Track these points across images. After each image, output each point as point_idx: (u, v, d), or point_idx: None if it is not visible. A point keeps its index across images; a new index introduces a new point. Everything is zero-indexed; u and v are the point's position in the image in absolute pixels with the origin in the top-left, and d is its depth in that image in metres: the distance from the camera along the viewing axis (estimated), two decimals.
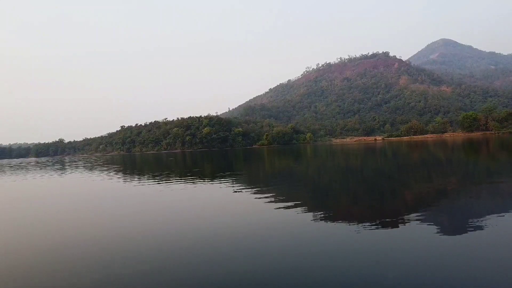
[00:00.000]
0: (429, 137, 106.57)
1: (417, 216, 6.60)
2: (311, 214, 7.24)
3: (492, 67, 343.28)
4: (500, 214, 6.37)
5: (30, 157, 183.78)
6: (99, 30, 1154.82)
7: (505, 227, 5.62)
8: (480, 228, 5.60)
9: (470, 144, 41.85)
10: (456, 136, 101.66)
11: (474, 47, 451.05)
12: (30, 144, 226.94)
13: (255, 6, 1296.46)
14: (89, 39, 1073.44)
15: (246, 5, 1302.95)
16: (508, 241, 5.01)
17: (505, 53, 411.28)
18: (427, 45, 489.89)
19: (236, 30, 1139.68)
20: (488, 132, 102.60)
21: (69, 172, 28.40)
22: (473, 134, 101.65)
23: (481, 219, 6.14)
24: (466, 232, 5.47)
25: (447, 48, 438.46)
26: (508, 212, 6.54)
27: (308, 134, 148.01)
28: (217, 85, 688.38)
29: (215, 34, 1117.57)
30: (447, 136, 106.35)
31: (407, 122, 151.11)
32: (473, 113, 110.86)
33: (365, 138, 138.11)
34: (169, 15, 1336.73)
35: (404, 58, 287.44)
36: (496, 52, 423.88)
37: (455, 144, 44.67)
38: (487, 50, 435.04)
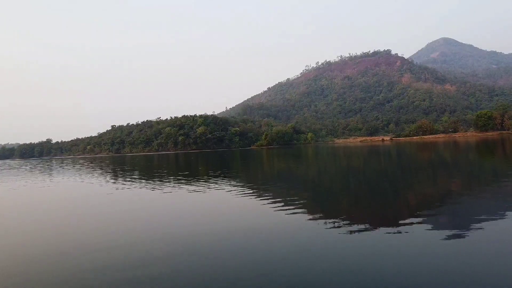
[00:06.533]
0: (440, 137, 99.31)
1: (431, 221, 6.41)
2: (327, 225, 6.56)
3: (494, 66, 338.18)
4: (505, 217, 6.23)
5: (14, 158, 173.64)
6: (97, 29, 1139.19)
7: (509, 230, 5.50)
8: (484, 231, 5.48)
9: (491, 145, 36.12)
10: (469, 136, 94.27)
11: (475, 46, 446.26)
12: (21, 144, 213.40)
13: (251, 7, 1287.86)
14: (86, 39, 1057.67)
15: (243, 6, 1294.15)
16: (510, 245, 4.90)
17: (506, 52, 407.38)
18: (428, 44, 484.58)
19: (236, 30, 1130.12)
20: (504, 131, 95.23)
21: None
22: (488, 133, 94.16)
23: (486, 222, 6.00)
24: (471, 236, 5.30)
25: (448, 47, 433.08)
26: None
27: (310, 134, 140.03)
28: (215, 85, 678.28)
29: (213, 34, 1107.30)
30: (459, 136, 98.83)
31: (412, 122, 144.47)
32: (488, 111, 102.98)
33: (371, 138, 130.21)
34: (167, 19, 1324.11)
35: (405, 57, 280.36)
36: (497, 51, 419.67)
37: (476, 145, 40.08)
38: (488, 49, 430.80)
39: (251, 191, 11.33)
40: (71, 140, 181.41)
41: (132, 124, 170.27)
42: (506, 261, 4.31)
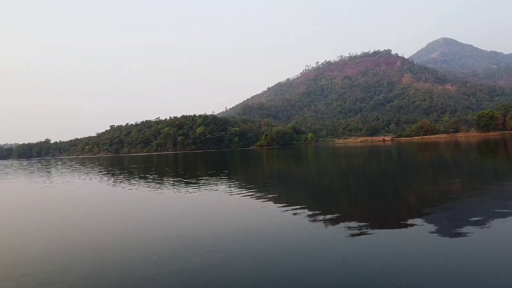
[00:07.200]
0: (442, 137, 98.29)
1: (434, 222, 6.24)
2: (333, 227, 6.36)
3: (494, 66, 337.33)
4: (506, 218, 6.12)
5: (12, 158, 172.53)
6: (96, 28, 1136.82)
7: (509, 230, 5.45)
8: (484, 231, 5.44)
9: (493, 145, 35.34)
10: (471, 136, 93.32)
11: (475, 46, 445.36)
12: (20, 144, 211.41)
13: (251, 7, 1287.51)
14: (86, 39, 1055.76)
15: (243, 6, 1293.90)
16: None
17: (506, 52, 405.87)
18: (428, 44, 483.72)
19: (236, 30, 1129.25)
20: (506, 131, 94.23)
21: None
22: (490, 134, 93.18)
23: (486, 222, 5.94)
24: (471, 236, 5.23)
25: (448, 47, 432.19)
26: None
27: (310, 134, 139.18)
28: (215, 85, 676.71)
29: (213, 34, 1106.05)
30: (461, 136, 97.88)
31: (413, 122, 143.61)
32: (489, 111, 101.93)
33: (371, 138, 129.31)
34: (167, 19, 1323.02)
35: (405, 57, 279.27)
36: (497, 51, 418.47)
37: (477, 145, 39.30)
38: (488, 49, 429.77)
39: (251, 192, 11.14)
40: (70, 140, 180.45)
41: (131, 124, 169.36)
42: (506, 261, 4.26)
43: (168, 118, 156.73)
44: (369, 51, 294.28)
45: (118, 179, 18.85)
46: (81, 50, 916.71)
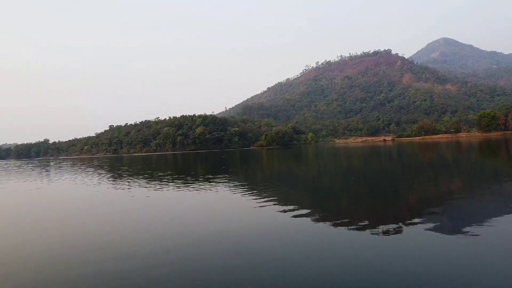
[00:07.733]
0: (443, 137, 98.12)
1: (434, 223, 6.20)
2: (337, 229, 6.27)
3: (494, 66, 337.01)
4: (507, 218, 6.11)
5: (10, 158, 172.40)
6: (95, 28, 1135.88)
7: (509, 231, 5.43)
8: (485, 232, 5.39)
9: (494, 145, 35.18)
10: (472, 136, 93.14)
11: (475, 46, 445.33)
12: (19, 144, 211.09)
13: (251, 7, 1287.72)
14: (86, 39, 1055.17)
15: (243, 6, 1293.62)
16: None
17: (506, 53, 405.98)
18: (428, 44, 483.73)
19: (236, 30, 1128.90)
20: (508, 132, 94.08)
21: None
22: (492, 134, 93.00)
23: (487, 223, 5.91)
24: (472, 237, 5.20)
25: (448, 47, 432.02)
26: None
27: (310, 134, 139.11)
28: (215, 85, 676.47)
29: (213, 34, 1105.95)
30: (462, 136, 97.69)
31: (414, 122, 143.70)
32: (491, 111, 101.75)
33: (372, 138, 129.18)
34: (167, 19, 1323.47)
35: (405, 57, 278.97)
36: (497, 51, 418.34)
37: (479, 145, 39.12)
38: (488, 49, 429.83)
39: (251, 192, 11.11)
40: (69, 140, 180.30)
41: (130, 124, 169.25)
42: (506, 261, 4.27)
43: (167, 118, 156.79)
44: (369, 51, 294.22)
45: (123, 179, 18.80)
46: (81, 50, 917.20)
